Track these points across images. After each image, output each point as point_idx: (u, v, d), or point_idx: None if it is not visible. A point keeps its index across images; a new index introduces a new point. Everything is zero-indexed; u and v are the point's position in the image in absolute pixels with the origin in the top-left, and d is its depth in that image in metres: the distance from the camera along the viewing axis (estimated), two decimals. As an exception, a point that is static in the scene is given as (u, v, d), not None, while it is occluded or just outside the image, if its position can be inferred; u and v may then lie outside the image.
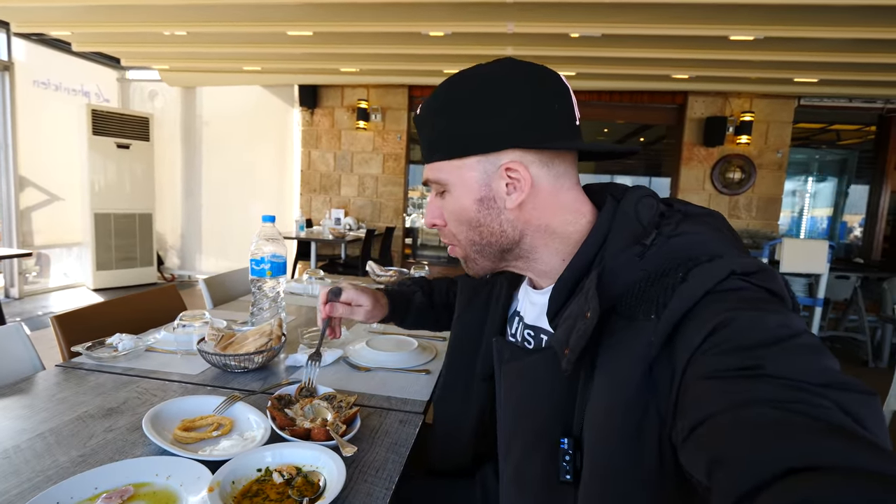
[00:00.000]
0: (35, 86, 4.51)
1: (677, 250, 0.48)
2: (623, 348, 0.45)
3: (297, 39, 3.66)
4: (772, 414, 0.31)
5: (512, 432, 0.61)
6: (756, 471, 0.28)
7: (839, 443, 0.28)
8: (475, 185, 0.57)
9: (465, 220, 0.60)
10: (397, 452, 0.73)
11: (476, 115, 0.56)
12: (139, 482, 0.61)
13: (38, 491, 0.60)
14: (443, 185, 0.60)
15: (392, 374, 1.04)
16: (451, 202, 0.60)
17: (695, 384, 0.37)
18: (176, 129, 5.47)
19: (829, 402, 0.31)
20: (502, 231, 0.58)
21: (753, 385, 0.33)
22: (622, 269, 0.49)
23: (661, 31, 3.12)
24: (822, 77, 3.91)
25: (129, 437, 0.75)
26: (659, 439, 0.42)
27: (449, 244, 0.66)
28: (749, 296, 0.41)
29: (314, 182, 5.30)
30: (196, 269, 5.68)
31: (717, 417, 0.33)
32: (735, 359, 0.36)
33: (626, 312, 0.47)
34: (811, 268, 3.29)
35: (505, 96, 0.55)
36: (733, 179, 4.70)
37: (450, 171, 0.58)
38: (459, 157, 0.57)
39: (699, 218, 0.53)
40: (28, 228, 4.55)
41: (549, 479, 0.52)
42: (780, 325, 0.37)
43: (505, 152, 0.56)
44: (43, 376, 0.98)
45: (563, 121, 0.56)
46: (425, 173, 0.63)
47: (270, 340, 1.03)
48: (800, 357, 0.35)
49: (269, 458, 0.65)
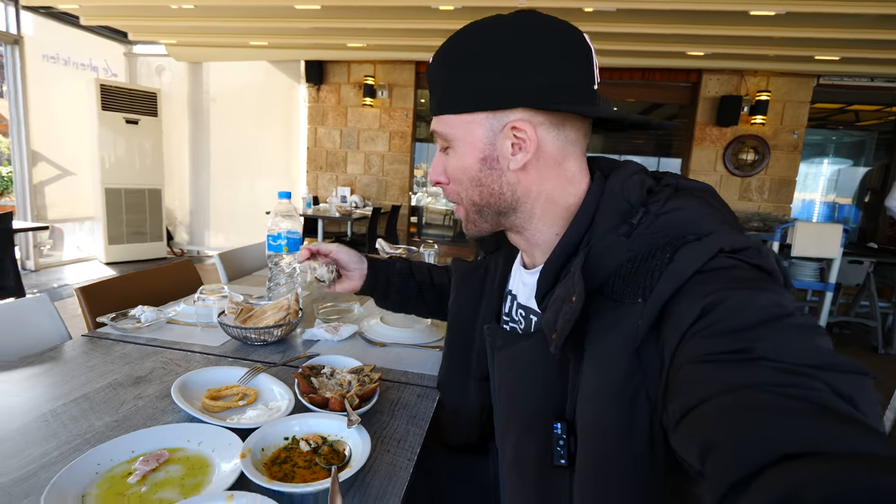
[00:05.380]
0: (44, 60, 4.49)
1: (665, 229, 0.47)
2: (611, 332, 0.45)
3: (304, 13, 3.60)
4: (764, 398, 0.31)
5: (508, 417, 0.61)
6: (749, 457, 0.28)
7: (833, 426, 0.28)
8: (480, 143, 0.55)
9: (466, 178, 0.58)
10: (417, 425, 0.76)
11: (488, 69, 0.53)
12: (173, 447, 0.64)
13: (77, 453, 0.63)
14: (448, 140, 0.58)
15: (407, 349, 1.06)
16: (454, 159, 0.58)
17: (685, 368, 0.37)
18: (183, 105, 5.44)
19: (821, 384, 0.31)
20: (501, 193, 0.57)
21: (745, 369, 0.33)
22: (609, 250, 0.48)
23: (678, 6, 3.03)
24: (843, 55, 3.79)
25: (159, 404, 0.78)
26: (650, 423, 0.42)
27: (453, 202, 0.65)
28: (739, 274, 0.40)
29: (320, 159, 5.28)
30: (205, 244, 5.73)
31: (708, 402, 0.33)
32: (726, 342, 0.35)
33: (613, 295, 0.46)
34: (824, 252, 3.26)
35: (521, 52, 0.52)
36: (746, 161, 4.62)
37: (457, 125, 0.56)
38: (468, 111, 0.55)
39: (689, 192, 0.51)
40: (42, 203, 4.59)
41: (544, 463, 0.52)
42: (770, 305, 0.36)
43: (514, 111, 0.53)
44: (70, 345, 1.01)
45: (579, 83, 0.53)
46: (432, 126, 0.61)
47: (288, 314, 1.05)
48: (791, 338, 0.34)
49: (296, 427, 0.68)
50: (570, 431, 0.50)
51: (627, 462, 0.43)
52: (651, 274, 0.44)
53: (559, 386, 0.51)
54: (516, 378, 0.59)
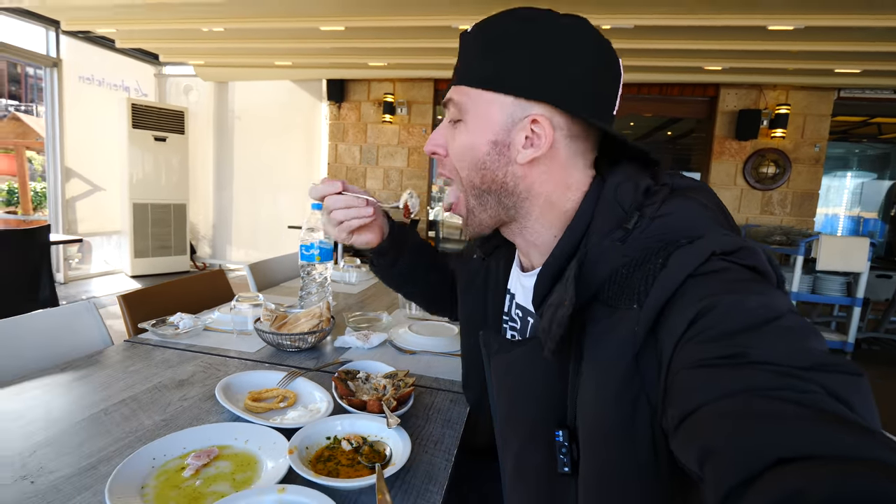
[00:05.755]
0: (80, 81, 4.71)
1: (659, 233, 0.47)
2: (608, 337, 0.45)
3: (328, 34, 3.73)
4: (759, 403, 0.31)
5: (508, 425, 0.60)
6: (745, 462, 0.28)
7: (828, 430, 0.28)
8: (495, 126, 0.54)
9: (470, 157, 0.56)
10: (452, 428, 0.78)
11: (526, 54, 0.52)
12: (221, 444, 0.67)
13: (131, 449, 0.66)
14: (462, 113, 0.56)
15: (436, 357, 1.08)
16: (463, 135, 0.56)
17: (682, 373, 0.37)
18: (209, 123, 5.63)
19: (816, 387, 0.31)
20: (504, 182, 0.56)
21: (739, 373, 0.33)
22: (604, 255, 0.48)
23: (696, 22, 3.05)
24: (864, 68, 3.76)
25: (203, 405, 0.82)
26: (652, 428, 0.41)
27: (445, 177, 0.62)
28: (731, 276, 0.40)
29: (340, 175, 5.39)
30: (226, 258, 5.85)
31: (704, 408, 0.33)
32: (719, 347, 0.35)
33: (608, 300, 0.46)
34: (850, 266, 3.20)
35: (562, 49, 0.52)
36: (767, 174, 4.57)
37: (477, 101, 0.55)
38: (492, 90, 0.54)
39: (685, 192, 0.51)
40: (73, 217, 4.77)
41: (548, 471, 0.51)
42: (761, 307, 0.36)
43: (538, 104, 0.53)
44: (113, 350, 1.06)
45: (604, 100, 0.54)
46: (449, 93, 0.58)
47: (321, 322, 1.08)
48: (784, 340, 0.35)
49: (338, 426, 0.70)
50: (571, 438, 0.49)
51: (631, 467, 0.42)
52: (645, 279, 0.44)
53: (558, 393, 0.51)
54: (514, 385, 0.58)
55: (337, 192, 0.73)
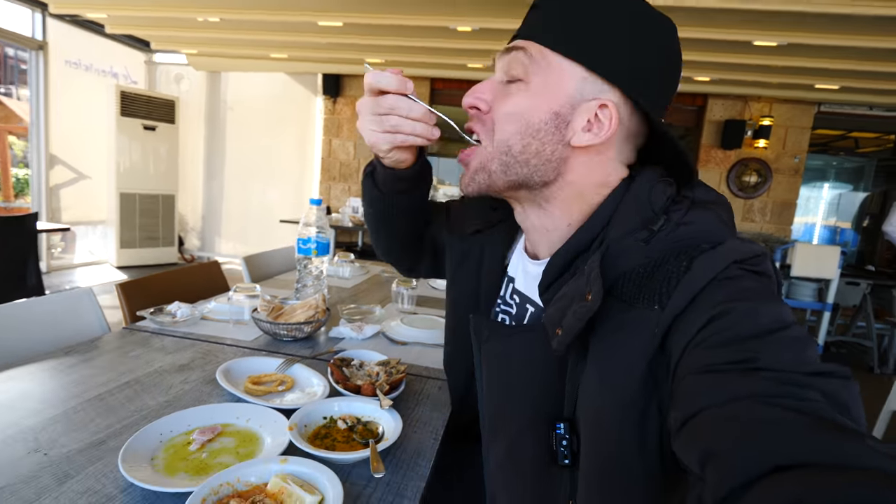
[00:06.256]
0: (67, 66, 4.64)
1: (683, 239, 0.47)
2: (621, 335, 0.45)
3: (326, 29, 3.74)
4: (762, 409, 0.32)
5: (499, 414, 0.59)
6: (744, 467, 0.29)
7: (828, 438, 0.29)
8: (561, 97, 0.50)
9: (522, 122, 0.51)
10: (440, 411, 0.83)
11: (623, 32, 0.49)
12: (224, 422, 0.72)
13: (137, 427, 0.70)
14: (528, 73, 0.51)
15: (427, 348, 1.14)
16: (521, 97, 0.52)
17: (688, 376, 0.38)
18: (200, 113, 5.59)
19: (816, 393, 0.32)
20: (547, 159, 0.52)
21: (745, 379, 0.34)
22: (625, 252, 0.48)
23: (685, 35, 3.11)
24: (843, 84, 3.92)
25: (204, 388, 0.86)
26: (659, 430, 0.42)
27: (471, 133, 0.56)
28: (745, 285, 0.42)
29: (334, 170, 5.40)
30: (215, 250, 5.82)
31: (708, 411, 0.34)
32: (729, 352, 0.36)
33: (623, 296, 0.46)
34: (822, 273, 3.34)
35: (658, 42, 0.51)
36: (749, 183, 4.72)
37: (549, 64, 0.50)
38: (572, 58, 0.50)
39: (706, 205, 0.51)
40: (56, 205, 4.70)
41: (544, 462, 0.51)
42: (772, 317, 0.38)
43: (614, 89, 0.50)
44: (111, 337, 1.09)
45: (663, 107, 0.54)
46: (516, 45, 0.52)
47: (317, 313, 1.13)
48: (790, 349, 0.36)
49: (335, 407, 0.75)
50: (571, 431, 0.49)
51: (635, 465, 0.43)
52: (668, 281, 0.43)
53: (557, 383, 0.50)
54: (510, 374, 0.57)
55: (402, 93, 0.57)
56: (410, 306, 1.43)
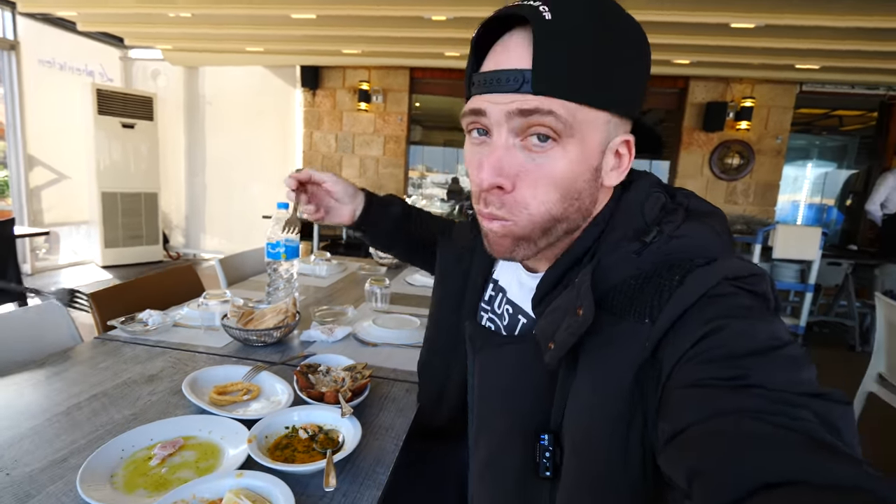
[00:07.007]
0: (40, 65, 4.53)
1: (676, 252, 0.46)
2: (611, 348, 0.44)
3: (300, 22, 3.68)
4: (752, 426, 0.31)
5: (485, 421, 0.60)
6: (734, 484, 0.29)
7: (818, 459, 0.28)
8: (596, 150, 0.47)
9: (564, 188, 0.47)
10: (404, 416, 0.85)
11: (631, 61, 0.47)
12: (187, 435, 0.73)
13: (101, 441, 0.71)
14: (560, 136, 0.45)
15: (397, 349, 1.15)
16: (560, 164, 0.46)
17: (679, 391, 0.37)
18: (179, 109, 5.50)
19: (808, 414, 0.32)
20: (583, 210, 0.50)
21: (737, 395, 0.34)
22: (616, 264, 0.47)
23: (663, 18, 3.13)
24: (823, 64, 3.93)
25: (171, 399, 0.87)
26: (642, 442, 0.42)
27: (494, 220, 0.50)
28: (739, 302, 0.41)
29: (316, 163, 5.36)
30: (200, 247, 5.79)
31: (697, 426, 0.33)
32: (721, 368, 0.36)
33: (613, 309, 0.45)
34: (804, 254, 3.39)
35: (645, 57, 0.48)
36: (731, 165, 4.75)
37: (580, 121, 0.45)
38: (597, 107, 0.45)
39: (701, 217, 0.50)
40: (38, 207, 4.64)
41: (525, 473, 0.51)
42: (768, 337, 0.38)
43: (627, 122, 0.49)
44: (83, 347, 1.09)
45: None
46: (543, 105, 0.43)
47: (287, 317, 1.13)
48: (784, 369, 0.36)
49: (295, 417, 0.76)
50: (555, 443, 0.49)
51: (619, 479, 0.43)
52: (659, 294, 0.43)
53: (546, 395, 0.50)
54: (500, 382, 0.57)
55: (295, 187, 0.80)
56: (384, 305, 1.44)
